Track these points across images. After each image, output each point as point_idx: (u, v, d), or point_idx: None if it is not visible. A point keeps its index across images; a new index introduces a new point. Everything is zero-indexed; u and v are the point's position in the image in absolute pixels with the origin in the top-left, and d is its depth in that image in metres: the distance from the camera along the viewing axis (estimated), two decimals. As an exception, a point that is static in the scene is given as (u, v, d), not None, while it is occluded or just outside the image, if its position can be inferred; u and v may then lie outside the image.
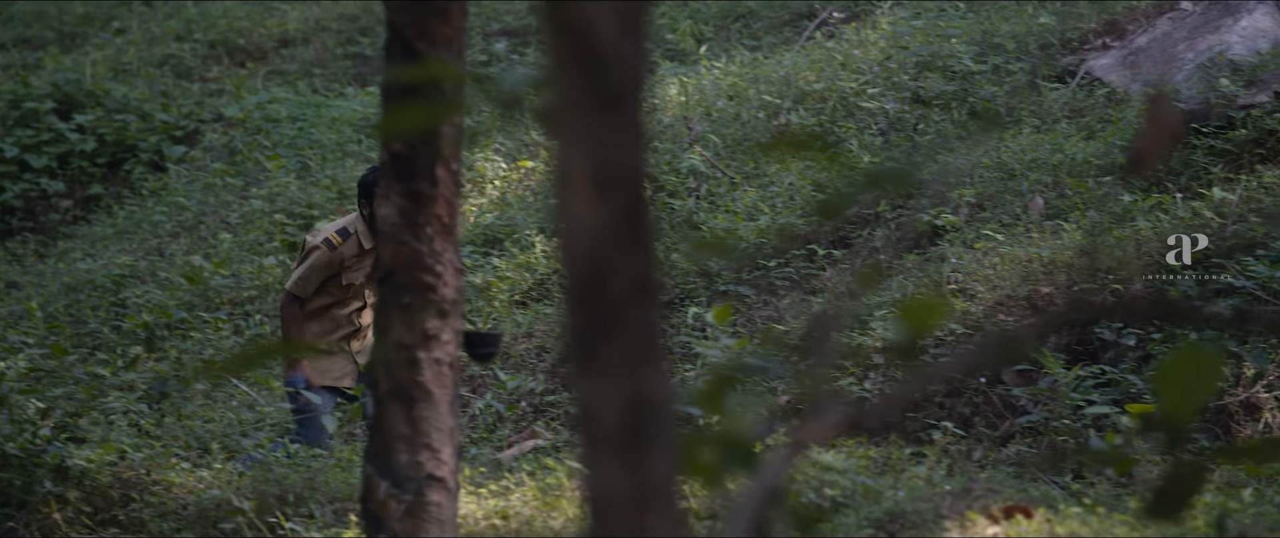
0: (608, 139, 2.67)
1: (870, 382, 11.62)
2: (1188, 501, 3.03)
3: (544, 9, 2.76)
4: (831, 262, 13.81)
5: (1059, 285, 11.79)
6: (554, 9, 2.73)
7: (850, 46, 17.40)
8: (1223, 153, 13.19)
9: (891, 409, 8.45)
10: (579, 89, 2.68)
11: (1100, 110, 15.45)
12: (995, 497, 9.05)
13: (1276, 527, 7.82)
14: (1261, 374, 10.50)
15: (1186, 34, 16.69)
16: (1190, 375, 2.90)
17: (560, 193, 2.66)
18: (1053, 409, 10.77)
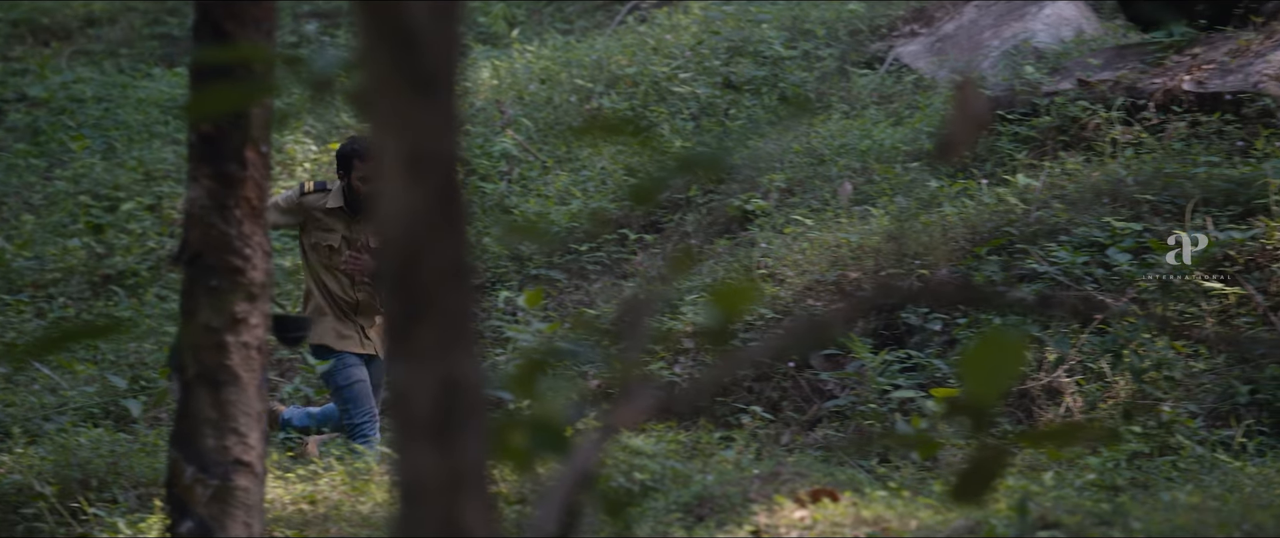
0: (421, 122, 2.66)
1: (680, 366, 11.67)
2: (991, 484, 3.07)
3: (356, -9, 2.74)
4: (643, 246, 13.85)
5: (867, 270, 11.91)
6: (366, -9, 2.71)
7: (662, 31, 17.46)
8: (1027, 139, 13.39)
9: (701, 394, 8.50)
10: (392, 72, 2.67)
11: (908, 97, 15.63)
12: (802, 481, 9.12)
13: (1077, 510, 7.95)
14: (1063, 359, 10.67)
15: (992, 22, 16.92)
16: (994, 360, 2.94)
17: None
18: (859, 393, 10.87)
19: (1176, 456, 9.43)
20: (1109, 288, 11.10)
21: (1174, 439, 9.63)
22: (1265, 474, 8.70)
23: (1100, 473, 9.01)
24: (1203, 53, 13.66)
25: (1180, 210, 11.59)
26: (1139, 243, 11.32)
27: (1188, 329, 10.77)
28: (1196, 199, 11.61)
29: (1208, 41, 13.91)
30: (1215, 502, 8.13)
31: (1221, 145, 12.52)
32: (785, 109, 15.71)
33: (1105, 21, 16.99)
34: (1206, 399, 10.23)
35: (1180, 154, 12.34)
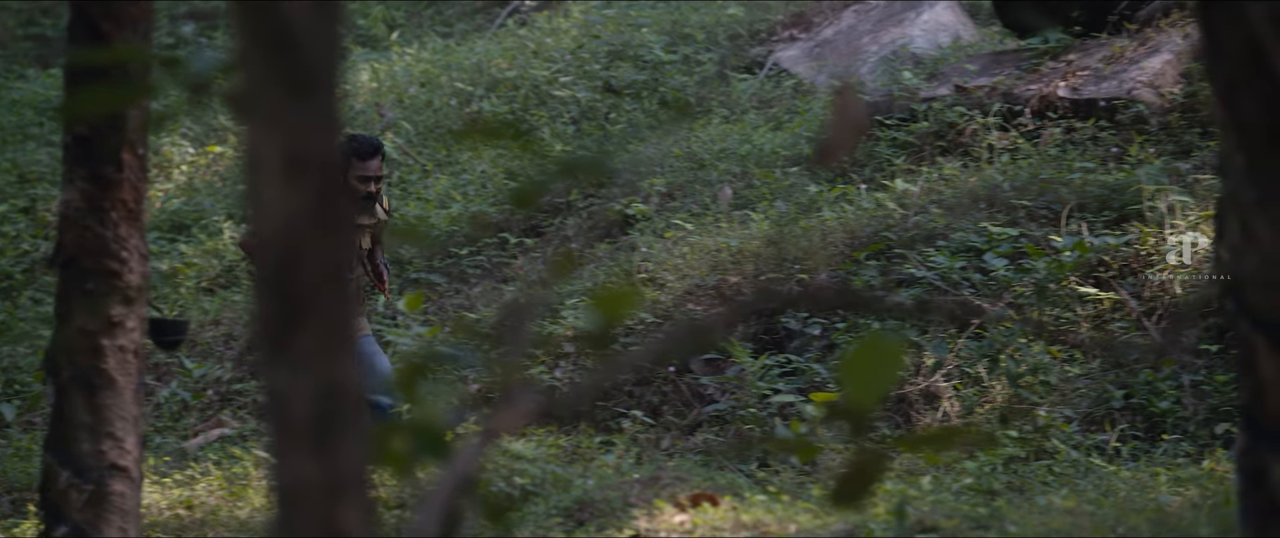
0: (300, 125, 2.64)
1: (561, 370, 11.66)
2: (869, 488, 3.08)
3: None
4: (523, 250, 13.83)
5: (747, 275, 11.94)
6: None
7: (542, 35, 17.45)
8: (905, 145, 13.47)
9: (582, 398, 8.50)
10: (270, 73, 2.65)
11: (788, 101, 15.69)
12: (683, 485, 9.13)
13: (954, 514, 8.01)
14: (941, 363, 10.74)
15: (871, 27, 17.02)
16: (873, 365, 2.95)
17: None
18: (739, 398, 10.90)
19: (1052, 460, 9.51)
20: (986, 293, 11.19)
21: (1050, 444, 9.72)
22: (1139, 478, 8.79)
23: (977, 477, 9.08)
24: (1078, 59, 13.79)
25: (1056, 216, 11.70)
26: (1015, 248, 11.42)
27: (1063, 334, 10.87)
28: (1072, 205, 11.72)
29: (1082, 48, 14.05)
30: (1090, 506, 8.20)
31: (1096, 152, 12.65)
32: (665, 113, 15.73)
33: (982, 27, 17.13)
34: (1081, 404, 10.32)
35: (1056, 160, 12.45)
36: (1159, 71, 13.31)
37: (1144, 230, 11.18)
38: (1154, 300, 10.95)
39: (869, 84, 15.17)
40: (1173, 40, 13.67)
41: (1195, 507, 7.77)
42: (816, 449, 3.40)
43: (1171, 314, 10.83)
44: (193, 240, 14.72)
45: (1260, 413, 3.42)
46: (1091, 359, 10.65)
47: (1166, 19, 14.08)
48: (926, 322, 11.00)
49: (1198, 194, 11.40)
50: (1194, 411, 10.11)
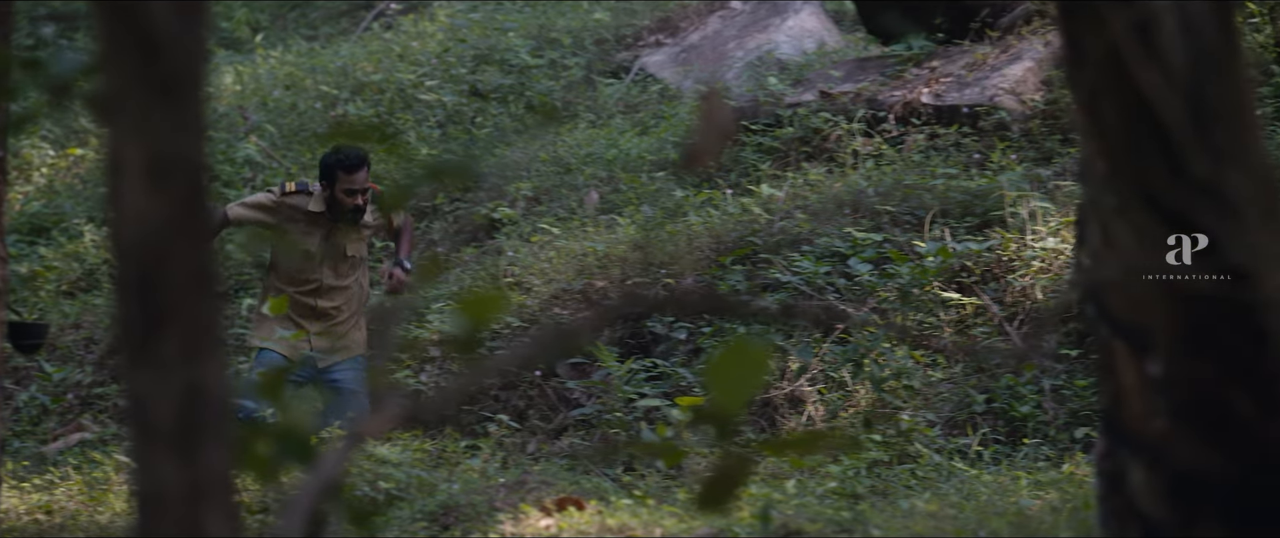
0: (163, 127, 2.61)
1: (427, 374, 11.62)
2: (734, 492, 3.09)
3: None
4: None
5: (613, 279, 11.95)
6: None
7: (408, 38, 17.38)
8: (771, 150, 13.52)
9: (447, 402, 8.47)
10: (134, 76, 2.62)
11: (654, 106, 15.72)
12: (548, 489, 9.12)
13: (818, 517, 8.05)
14: (805, 368, 10.79)
15: (736, 32, 17.09)
16: (739, 369, 2.96)
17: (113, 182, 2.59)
18: (605, 402, 10.90)
19: (915, 464, 9.58)
20: (850, 298, 11.26)
21: (913, 448, 9.78)
22: (1000, 482, 8.86)
23: (841, 481, 9.12)
24: (941, 66, 13.91)
25: (920, 222, 11.79)
26: (880, 253, 11.49)
27: (926, 339, 10.95)
28: (935, 210, 11.81)
29: (946, 55, 14.17)
30: (952, 509, 8.27)
31: (959, 158, 12.76)
32: (532, 118, 15.71)
33: (846, 34, 17.24)
34: (944, 408, 10.41)
35: (919, 166, 12.55)
36: (1021, 78, 13.45)
37: (1006, 236, 11.28)
38: (1016, 306, 11.05)
39: (735, 89, 15.23)
40: (1034, 47, 13.82)
41: (1055, 510, 7.85)
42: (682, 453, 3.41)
43: (1033, 319, 10.95)
44: (53, 243, 14.55)
45: (1119, 417, 3.46)
46: (954, 364, 10.74)
47: (1028, 26, 14.23)
48: (791, 326, 11.05)
49: (1058, 200, 11.52)
50: (1054, 415, 10.21)
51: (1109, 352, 3.47)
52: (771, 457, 8.77)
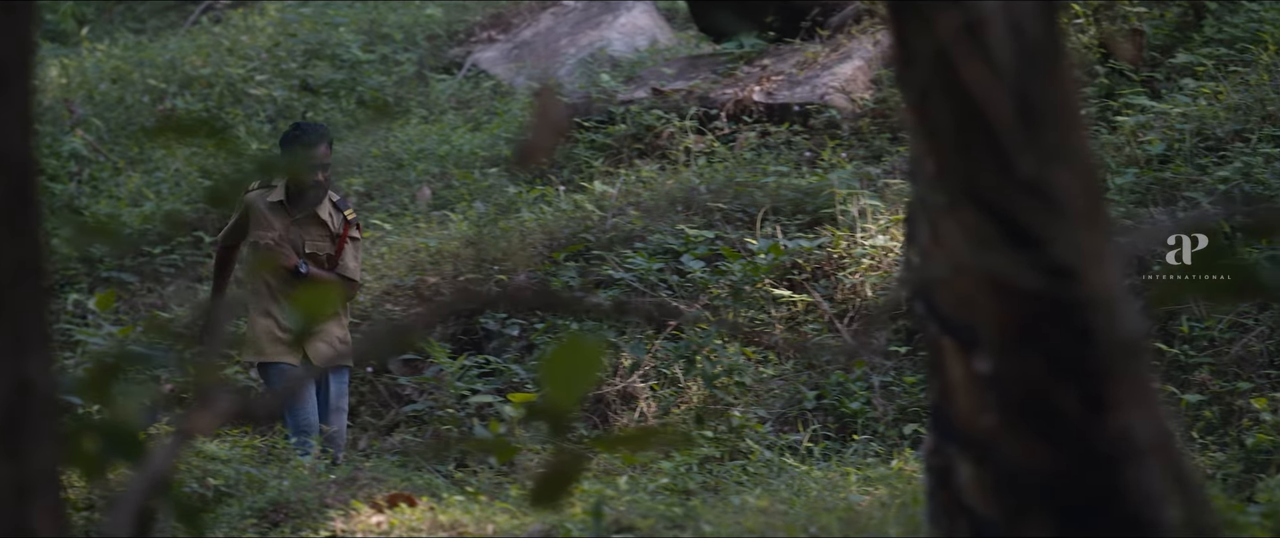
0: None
1: (257, 371, 11.52)
2: (567, 489, 3.09)
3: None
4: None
5: (445, 275, 11.91)
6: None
7: (237, 33, 17.22)
8: (604, 147, 13.54)
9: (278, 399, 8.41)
10: (-41, 67, 2.58)
11: (486, 102, 15.69)
12: (380, 486, 9.07)
13: (650, 513, 8.06)
14: (638, 364, 10.81)
15: (569, 29, 17.09)
16: (572, 366, 2.96)
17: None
18: (438, 398, 10.86)
19: (746, 460, 9.62)
20: (682, 295, 11.30)
21: (744, 444, 9.83)
22: (830, 478, 8.93)
23: (673, 477, 9.15)
24: (772, 64, 13.99)
25: (752, 219, 11.85)
26: (712, 250, 11.54)
27: (758, 336, 11.01)
28: (766, 208, 11.88)
29: (777, 53, 14.26)
30: (783, 505, 8.31)
31: (790, 156, 12.85)
32: (363, 113, 15.62)
33: (678, 31, 17.30)
34: (775, 404, 10.47)
35: (751, 164, 12.61)
36: (850, 77, 13.56)
37: (836, 234, 11.37)
38: (846, 303, 11.14)
39: (568, 86, 15.23)
40: (864, 47, 13.94)
41: (884, 506, 7.92)
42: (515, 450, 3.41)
43: (863, 316, 11.04)
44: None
45: (948, 414, 3.50)
46: (785, 361, 10.81)
47: (858, 26, 14.35)
48: (624, 323, 11.07)
49: (888, 198, 11.63)
50: (883, 411, 10.30)
51: (938, 349, 3.50)
52: (604, 453, 8.79)
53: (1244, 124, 11.21)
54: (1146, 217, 10.57)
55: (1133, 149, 11.31)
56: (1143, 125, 11.55)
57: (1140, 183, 10.89)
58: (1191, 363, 9.64)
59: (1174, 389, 9.43)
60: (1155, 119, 11.60)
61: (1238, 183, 10.51)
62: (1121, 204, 10.69)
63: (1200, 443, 8.98)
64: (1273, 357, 9.49)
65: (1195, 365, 9.62)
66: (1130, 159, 11.22)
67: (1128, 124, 11.56)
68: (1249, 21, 12.74)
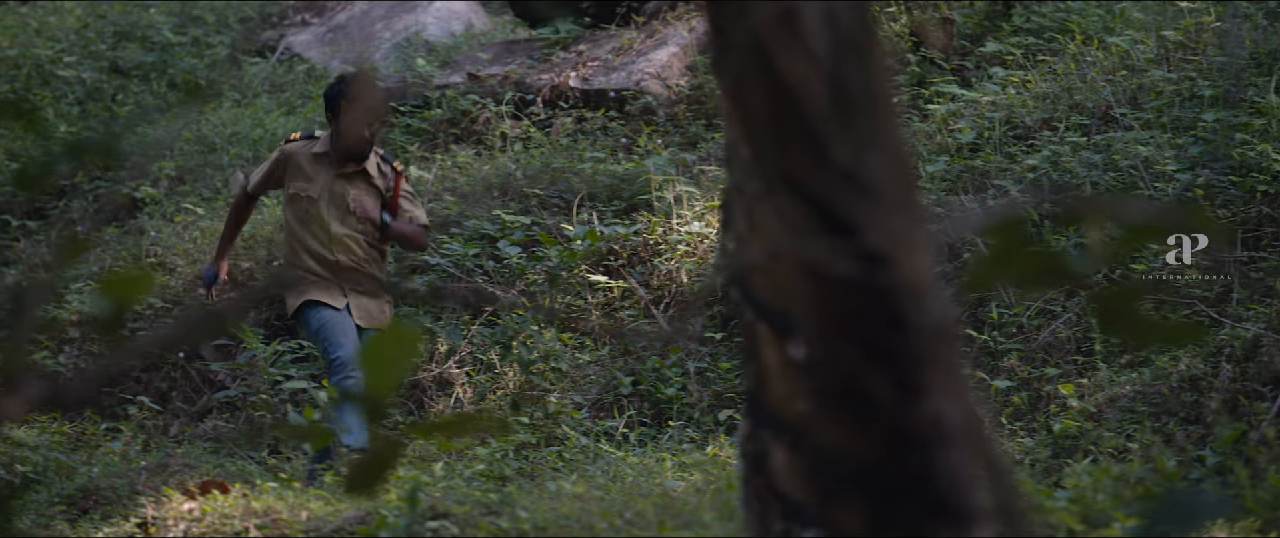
0: None
1: (66, 356, 11.36)
2: (383, 475, 3.08)
3: None
4: (26, 233, 13.42)
5: (259, 261, 11.81)
6: None
7: (45, 13, 16.94)
8: (419, 132, 13.49)
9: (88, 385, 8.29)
10: None
11: (300, 86, 15.57)
12: (192, 472, 8.99)
13: (466, 500, 8.05)
14: (454, 350, 10.79)
15: (384, 14, 17.00)
16: (389, 352, 2.95)
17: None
18: (251, 384, 10.77)
19: (562, 445, 9.64)
20: (499, 280, 11.29)
21: (560, 430, 9.84)
22: (645, 464, 8.96)
23: (489, 463, 9.14)
24: (588, 50, 14.01)
25: (568, 205, 11.86)
26: (528, 236, 11.54)
27: (574, 321, 11.03)
28: (583, 194, 11.89)
29: (593, 39, 14.28)
30: (599, 491, 8.34)
31: (606, 142, 12.87)
32: (175, 96, 15.45)
33: (494, 16, 17.27)
34: (591, 390, 10.49)
35: (567, 150, 12.63)
36: (666, 64, 13.62)
37: (652, 220, 11.41)
38: (662, 289, 11.19)
39: (383, 70, 15.15)
40: (679, 33, 14.00)
41: (699, 491, 7.96)
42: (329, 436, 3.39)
43: (679, 303, 11.09)
44: None
45: (762, 400, 3.52)
46: (601, 347, 10.83)
47: (673, 12, 14.41)
48: (440, 309, 11.04)
49: (704, 185, 11.69)
50: (699, 397, 10.35)
51: (753, 335, 3.52)
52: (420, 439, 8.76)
53: (1052, 113, 11.39)
54: (957, 204, 10.71)
55: (944, 137, 11.45)
56: (953, 113, 11.70)
57: (951, 170, 11.03)
58: (1001, 349, 9.78)
59: (984, 375, 9.57)
60: (966, 107, 11.76)
61: (1046, 171, 10.67)
62: (933, 192, 10.82)
63: (1009, 428, 9.11)
64: (1080, 343, 9.65)
65: (1004, 352, 9.76)
66: (941, 147, 11.36)
67: (939, 112, 11.71)
68: (1057, 11, 12.95)
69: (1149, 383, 8.97)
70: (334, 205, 9.63)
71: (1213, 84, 10.92)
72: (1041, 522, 6.38)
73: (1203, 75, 11.12)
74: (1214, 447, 7.97)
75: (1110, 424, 8.75)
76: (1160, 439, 8.35)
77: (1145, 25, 12.19)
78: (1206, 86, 10.91)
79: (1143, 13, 12.50)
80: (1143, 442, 8.24)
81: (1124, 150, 10.47)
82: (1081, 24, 12.52)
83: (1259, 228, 9.75)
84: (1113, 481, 6.82)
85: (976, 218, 2.84)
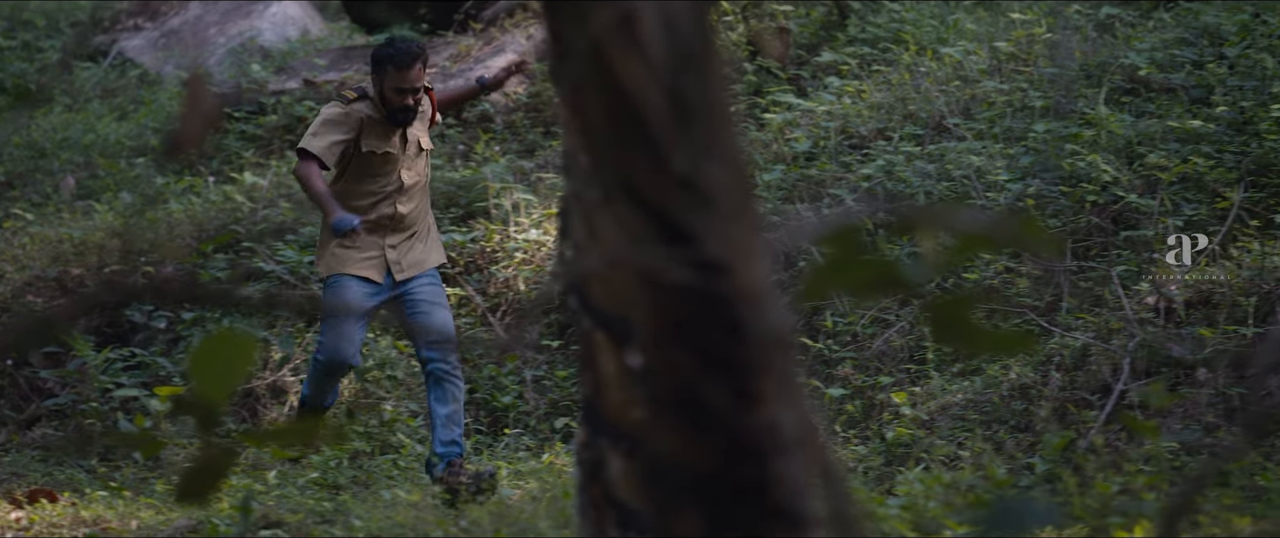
0: None
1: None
2: (215, 483, 3.05)
3: None
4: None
5: (90, 267, 11.66)
6: None
7: (-128, 13, 16.66)
8: (254, 138, 13.39)
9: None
10: None
11: (133, 91, 15.40)
12: (19, 481, 8.86)
13: (299, 508, 8.00)
14: (288, 358, 10.71)
15: (218, 19, 16.85)
16: (222, 359, 2.92)
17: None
18: (81, 392, 10.63)
19: (398, 454, 9.60)
20: (334, 287, 11.21)
21: (396, 438, 9.80)
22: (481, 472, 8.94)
23: (323, 472, 9.09)
24: (426, 58, 13.97)
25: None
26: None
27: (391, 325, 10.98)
28: (420, 201, 11.85)
29: (430, 46, 14.24)
30: (434, 499, 8.32)
31: (443, 149, 12.83)
32: (4, 101, 15.23)
33: (330, 22, 17.19)
34: (427, 398, 10.45)
35: (404, 156, 12.57)
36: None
37: (490, 228, 11.39)
38: (499, 296, 11.17)
39: (218, 76, 15.03)
40: (517, 41, 13.99)
41: (535, 499, 7.96)
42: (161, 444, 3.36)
43: (515, 310, 11.08)
44: None
45: (599, 407, 3.52)
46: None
47: (511, 19, 14.40)
48: (274, 316, 10.96)
49: (541, 193, 11.69)
50: (535, 405, 10.35)
51: (590, 343, 3.53)
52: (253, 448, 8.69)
53: (886, 122, 11.50)
54: (793, 213, 10.78)
55: (780, 146, 11.52)
56: (789, 123, 11.78)
57: (787, 179, 11.10)
58: (835, 357, 9.86)
59: (818, 383, 9.64)
60: (801, 117, 11.84)
61: (880, 180, 10.77)
62: (769, 200, 10.88)
63: (843, 436, 9.18)
64: (913, 351, 9.74)
65: (839, 360, 9.83)
66: (777, 156, 11.43)
67: (775, 121, 11.78)
68: (891, 21, 13.08)
69: (980, 391, 9.07)
70: (408, 155, 9.18)
71: (1044, 95, 11.07)
72: (874, 529, 6.44)
73: (1034, 86, 11.27)
74: (1043, 455, 8.07)
75: (942, 432, 8.84)
76: (991, 447, 8.45)
77: (978, 36, 12.34)
78: (1038, 97, 11.06)
79: (976, 24, 12.66)
80: (974, 450, 8.33)
81: (957, 160, 10.58)
82: (916, 34, 12.65)
83: (1088, 238, 9.90)
84: (944, 488, 6.89)
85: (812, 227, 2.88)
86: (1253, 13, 11.14)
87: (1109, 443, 8.28)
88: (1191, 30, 11.42)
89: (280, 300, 10.17)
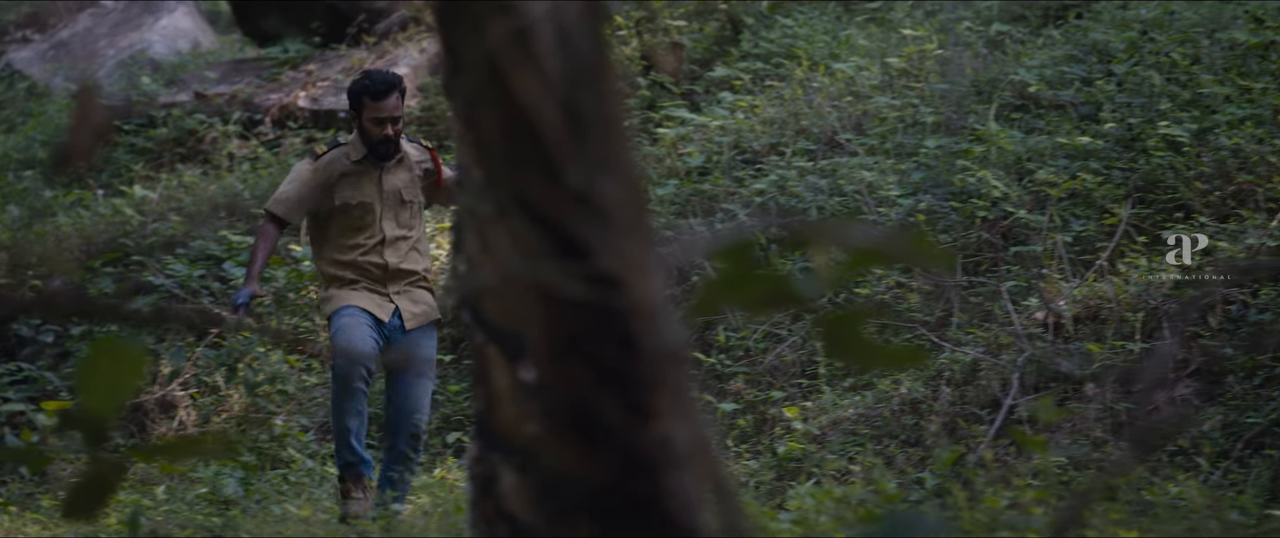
0: None
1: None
2: (104, 499, 3.02)
3: None
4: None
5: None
6: None
7: None
8: (144, 151, 13.29)
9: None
10: None
11: (21, 104, 15.26)
12: (-97, 498, 8.75)
13: (189, 523, 7.94)
14: (179, 372, 10.64)
15: (109, 31, 16.73)
16: (110, 373, 2.90)
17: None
18: (-34, 407, 10.53)
19: (288, 469, 9.55)
20: (225, 302, 11.15)
21: (286, 453, 9.75)
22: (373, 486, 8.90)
23: (213, 487, 9.02)
24: (318, 70, 13.91)
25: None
26: (255, 257, 11.42)
27: (301, 343, 10.93)
28: (311, 215, 11.79)
29: (322, 59, 14.19)
30: (325, 514, 8.28)
31: (336, 163, 12.78)
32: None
33: (222, 35, 17.09)
34: (318, 413, 10.40)
35: (296, 170, 12.52)
36: (397, 85, 13.56)
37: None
38: (390, 310, 11.13)
39: (107, 88, 14.91)
40: (410, 54, 13.96)
41: (427, 514, 7.94)
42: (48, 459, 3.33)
43: (407, 324, 11.03)
44: None
45: (492, 422, 3.51)
46: (327, 368, 10.75)
47: (404, 32, 14.37)
48: (165, 330, 10.88)
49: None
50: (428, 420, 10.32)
51: (483, 358, 3.52)
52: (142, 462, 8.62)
53: (779, 138, 11.55)
54: (686, 227, 10.80)
55: (673, 161, 11.55)
56: (683, 138, 11.81)
57: (680, 194, 11.12)
58: (728, 372, 9.88)
59: (711, 398, 9.66)
60: (695, 131, 11.87)
61: (773, 195, 10.81)
62: (663, 215, 10.90)
63: (735, 451, 9.21)
64: (804, 366, 9.78)
65: (731, 375, 9.86)
66: (671, 170, 11.46)
67: (668, 136, 11.80)
68: (784, 37, 13.14)
69: (871, 406, 9.12)
70: (387, 205, 9.05)
71: (935, 111, 11.15)
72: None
73: (925, 102, 11.35)
74: (933, 469, 8.12)
75: (833, 447, 8.88)
76: (882, 462, 8.49)
77: (870, 52, 12.41)
78: (929, 113, 11.14)
79: (867, 40, 12.73)
80: (864, 464, 8.38)
81: (849, 175, 10.64)
82: (808, 50, 12.71)
83: (978, 253, 9.97)
84: (835, 502, 6.92)
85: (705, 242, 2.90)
86: (1141, 30, 11.26)
87: (998, 458, 8.34)
88: (1081, 47, 11.53)
89: (170, 315, 10.10)
